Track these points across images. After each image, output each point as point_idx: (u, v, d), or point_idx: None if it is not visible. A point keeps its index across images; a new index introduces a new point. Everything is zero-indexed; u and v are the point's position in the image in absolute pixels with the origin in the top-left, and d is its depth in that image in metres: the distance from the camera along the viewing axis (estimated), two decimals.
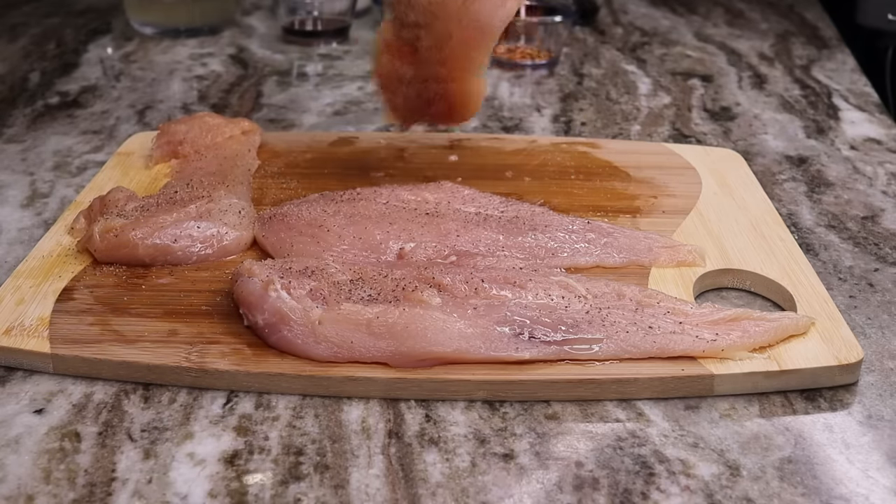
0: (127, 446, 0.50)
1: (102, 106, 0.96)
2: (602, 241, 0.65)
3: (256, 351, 0.55)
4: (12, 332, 0.56)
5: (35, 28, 1.19)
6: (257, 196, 0.73)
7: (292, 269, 0.58)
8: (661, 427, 0.51)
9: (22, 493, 0.47)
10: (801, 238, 0.70)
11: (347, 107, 0.96)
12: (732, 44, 1.15)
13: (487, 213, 0.68)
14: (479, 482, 0.47)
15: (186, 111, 0.95)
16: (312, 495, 0.47)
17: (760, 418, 0.52)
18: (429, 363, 0.53)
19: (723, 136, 0.89)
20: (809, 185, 0.79)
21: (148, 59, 1.09)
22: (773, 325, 0.55)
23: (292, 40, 1.14)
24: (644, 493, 0.47)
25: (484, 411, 0.53)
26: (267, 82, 1.02)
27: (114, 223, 0.63)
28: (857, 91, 1.00)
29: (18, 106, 0.96)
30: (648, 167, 0.77)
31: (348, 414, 0.52)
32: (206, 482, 0.47)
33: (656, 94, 0.99)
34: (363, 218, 0.66)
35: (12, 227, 0.72)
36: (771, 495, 0.47)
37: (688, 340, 0.54)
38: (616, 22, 1.24)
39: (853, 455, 0.49)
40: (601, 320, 0.55)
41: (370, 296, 0.56)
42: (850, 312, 0.61)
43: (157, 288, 0.61)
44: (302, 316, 0.54)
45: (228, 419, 0.52)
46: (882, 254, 0.68)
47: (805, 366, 0.53)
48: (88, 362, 0.54)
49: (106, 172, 0.76)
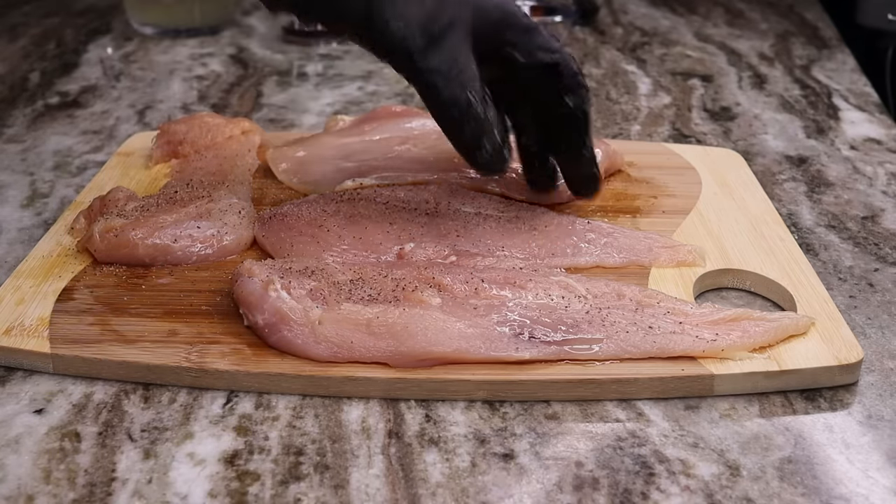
0: (127, 446, 0.50)
1: (102, 106, 0.96)
2: (602, 241, 0.65)
3: (256, 351, 0.55)
4: (12, 332, 0.56)
5: (35, 28, 1.19)
6: (257, 196, 0.73)
7: (292, 269, 0.58)
8: (661, 427, 0.51)
9: (22, 493, 0.47)
10: (801, 238, 0.70)
11: (347, 107, 0.96)
12: (732, 44, 1.15)
13: (487, 213, 0.68)
14: (479, 482, 0.47)
15: (186, 111, 0.95)
16: (312, 495, 0.47)
17: (760, 418, 0.52)
18: (429, 363, 0.53)
19: (723, 136, 0.89)
20: (809, 185, 0.79)
21: (148, 59, 1.09)
22: (773, 325, 0.55)
23: (292, 40, 1.14)
24: (644, 493, 0.47)
25: (484, 411, 0.53)
26: (267, 82, 1.02)
27: (114, 223, 0.63)
28: (857, 91, 1.00)
29: (18, 106, 0.96)
30: (648, 167, 0.77)
31: (348, 414, 0.52)
32: (206, 482, 0.47)
33: (656, 94, 0.99)
34: (363, 218, 0.66)
35: (12, 227, 0.72)
36: (771, 495, 0.47)
37: (688, 340, 0.54)
38: (616, 22, 1.24)
39: (853, 455, 0.49)
40: (601, 320, 0.55)
41: (370, 296, 0.56)
42: (850, 312, 0.61)
43: (157, 288, 0.61)
44: (302, 316, 0.54)
45: (228, 419, 0.52)
46: (882, 254, 0.68)
47: (805, 366, 0.53)
48: (88, 362, 0.54)
49: (106, 172, 0.77)
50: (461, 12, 0.57)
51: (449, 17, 0.56)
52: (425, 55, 0.55)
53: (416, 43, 0.55)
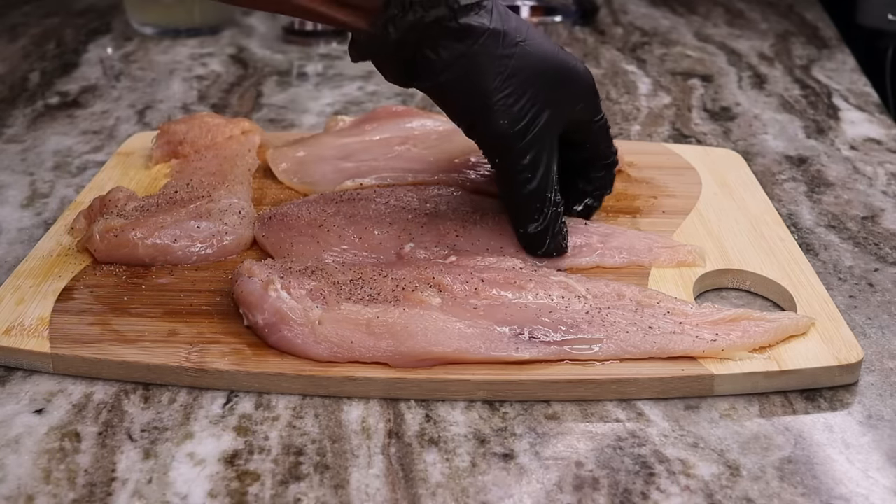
0: (127, 446, 0.50)
1: (102, 106, 0.96)
2: (602, 241, 0.65)
3: (256, 351, 0.55)
4: (12, 332, 0.56)
5: (35, 28, 1.19)
6: (257, 196, 0.73)
7: (292, 269, 0.58)
8: (661, 427, 0.51)
9: (22, 493, 0.47)
10: (801, 238, 0.70)
11: (347, 107, 0.96)
12: (732, 44, 1.15)
13: (487, 213, 0.68)
14: (479, 482, 0.47)
15: (186, 111, 0.95)
16: (312, 495, 0.47)
17: (760, 418, 0.52)
18: (429, 363, 0.53)
19: (723, 136, 0.89)
20: (809, 185, 0.79)
21: (148, 59, 1.09)
22: (773, 325, 0.55)
23: (292, 40, 1.14)
24: (644, 493, 0.47)
25: (484, 411, 0.53)
26: (267, 82, 1.02)
27: (114, 223, 0.63)
28: (857, 91, 1.00)
29: (18, 106, 0.96)
30: (648, 167, 0.77)
31: (348, 414, 0.52)
32: (206, 482, 0.47)
33: (656, 94, 0.99)
34: (363, 218, 0.66)
35: (12, 227, 0.72)
36: (771, 495, 0.47)
37: (688, 340, 0.54)
38: (616, 22, 1.24)
39: (853, 455, 0.49)
40: (601, 320, 0.55)
41: (370, 296, 0.56)
42: (850, 312, 0.61)
43: (157, 288, 0.61)
44: (302, 316, 0.54)
45: (228, 419, 0.52)
46: (882, 254, 0.68)
47: (805, 366, 0.53)
48: (88, 362, 0.54)
49: (106, 172, 0.77)
50: (556, 113, 0.61)
51: (546, 119, 0.61)
52: (522, 150, 0.60)
53: (515, 140, 0.60)
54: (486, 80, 0.59)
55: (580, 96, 0.64)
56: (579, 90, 0.63)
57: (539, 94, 0.60)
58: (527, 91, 0.59)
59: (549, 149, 0.61)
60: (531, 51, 0.60)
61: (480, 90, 0.59)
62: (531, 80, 0.60)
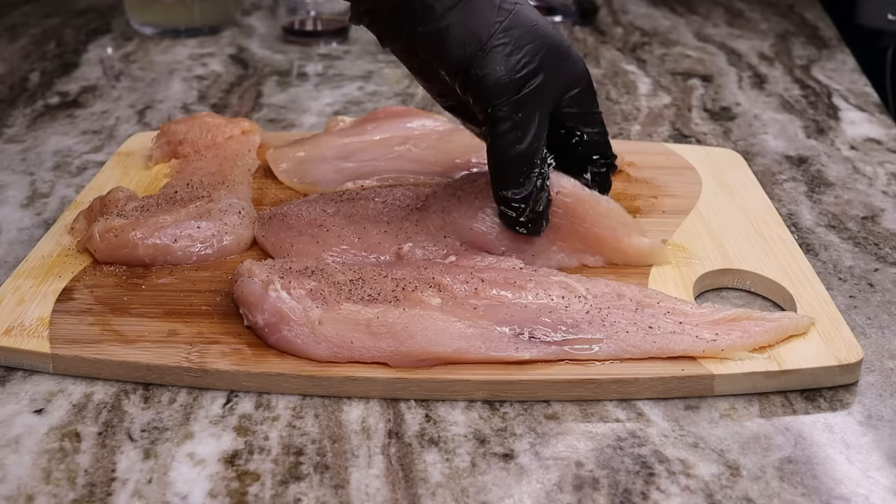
0: (127, 446, 0.50)
1: (102, 106, 0.96)
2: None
3: (256, 351, 0.55)
4: (12, 332, 0.56)
5: (35, 28, 1.19)
6: (257, 196, 0.73)
7: (292, 269, 0.58)
8: (661, 427, 0.51)
9: (22, 493, 0.47)
10: (801, 238, 0.70)
11: (347, 107, 0.96)
12: (732, 44, 1.15)
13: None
14: (479, 482, 0.47)
15: (186, 111, 0.95)
16: (312, 495, 0.47)
17: (760, 418, 0.52)
18: (429, 363, 0.53)
19: (723, 136, 0.89)
20: (809, 185, 0.79)
21: (148, 59, 1.09)
22: (773, 325, 0.55)
23: (292, 40, 1.14)
24: (644, 493, 0.47)
25: (484, 411, 0.53)
26: (267, 82, 1.02)
27: (114, 223, 0.63)
28: (857, 91, 1.00)
29: (18, 106, 0.96)
30: (648, 167, 0.77)
31: (348, 414, 0.52)
32: (206, 482, 0.47)
33: (656, 94, 0.99)
34: (363, 218, 0.66)
35: (12, 227, 0.72)
36: (771, 495, 0.47)
37: (688, 340, 0.54)
38: (616, 22, 1.24)
39: (853, 455, 0.49)
40: (601, 320, 0.55)
41: (370, 296, 0.56)
42: (850, 312, 0.61)
43: (157, 288, 0.61)
44: (302, 316, 0.54)
45: (228, 419, 0.52)
46: (882, 254, 0.68)
47: (805, 366, 0.53)
48: (88, 362, 0.54)
49: (106, 172, 0.77)
50: (550, 80, 0.61)
51: (540, 80, 0.60)
52: (516, 104, 0.60)
53: (511, 90, 0.59)
54: (485, 26, 0.59)
55: (574, 77, 0.64)
56: (574, 71, 0.63)
57: (536, 53, 0.60)
58: (524, 46, 0.60)
59: (541, 115, 0.61)
60: (529, 14, 0.61)
61: (480, 35, 0.59)
62: (528, 36, 0.60)
